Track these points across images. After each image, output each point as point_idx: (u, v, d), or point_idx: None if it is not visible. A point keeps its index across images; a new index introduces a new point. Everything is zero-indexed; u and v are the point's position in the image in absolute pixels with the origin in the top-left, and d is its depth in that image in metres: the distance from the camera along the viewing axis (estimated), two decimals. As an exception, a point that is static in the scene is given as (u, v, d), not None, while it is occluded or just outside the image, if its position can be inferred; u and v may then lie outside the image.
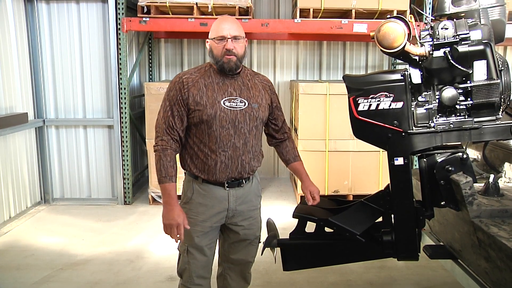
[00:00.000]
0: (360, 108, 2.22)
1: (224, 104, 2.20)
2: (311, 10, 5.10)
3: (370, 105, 2.21)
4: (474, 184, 2.17)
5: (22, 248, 4.11)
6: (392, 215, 2.35)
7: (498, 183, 2.47)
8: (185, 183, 2.36)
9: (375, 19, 5.24)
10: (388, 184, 2.35)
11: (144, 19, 5.01)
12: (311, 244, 2.49)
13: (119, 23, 5.07)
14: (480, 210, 2.15)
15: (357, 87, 2.24)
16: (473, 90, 2.13)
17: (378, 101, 2.20)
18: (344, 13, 5.30)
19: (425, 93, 2.21)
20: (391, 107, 2.19)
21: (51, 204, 5.40)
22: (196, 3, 4.97)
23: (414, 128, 2.21)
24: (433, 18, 2.26)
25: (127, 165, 5.32)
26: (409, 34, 2.12)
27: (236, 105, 2.22)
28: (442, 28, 2.11)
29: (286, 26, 5.27)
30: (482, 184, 2.48)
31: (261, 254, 2.55)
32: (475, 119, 2.17)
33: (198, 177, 2.27)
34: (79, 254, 3.99)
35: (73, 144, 5.42)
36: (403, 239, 2.33)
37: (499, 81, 2.10)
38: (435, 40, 2.13)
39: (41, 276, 3.56)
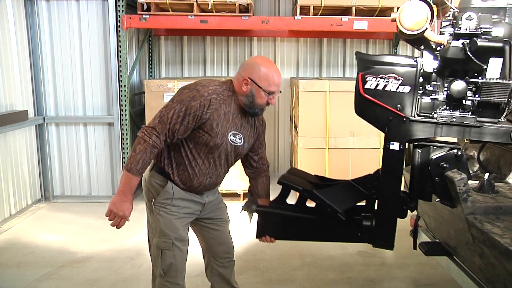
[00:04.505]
0: (367, 85, 2.22)
1: (229, 137, 2.25)
2: (311, 7, 5.09)
3: (377, 84, 2.20)
4: (469, 181, 2.17)
5: (22, 246, 4.11)
6: (376, 201, 2.35)
7: (493, 180, 2.47)
8: (154, 180, 2.33)
9: (376, 16, 5.23)
10: (378, 169, 2.34)
11: (144, 16, 5.01)
12: (289, 216, 2.46)
13: (119, 21, 5.06)
14: (474, 207, 2.15)
15: (368, 64, 2.23)
16: (483, 87, 2.12)
17: (386, 82, 2.19)
18: (345, 10, 5.29)
19: (434, 82, 2.21)
20: (398, 90, 2.19)
21: (51, 201, 5.41)
22: (196, 1, 4.96)
23: (416, 115, 2.20)
24: (457, 11, 2.22)
25: (127, 162, 5.31)
26: (432, 19, 2.10)
27: (235, 140, 2.28)
28: (466, 18, 2.09)
29: (286, 23, 5.27)
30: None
31: (240, 212, 2.56)
32: (478, 118, 2.17)
33: (174, 182, 2.28)
34: (79, 251, 3.99)
35: (73, 142, 5.42)
36: (382, 225, 2.32)
37: (511, 82, 2.09)
38: (456, 29, 2.11)
39: (41, 273, 3.57)
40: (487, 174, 2.47)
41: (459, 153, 2.21)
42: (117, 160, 5.34)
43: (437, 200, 2.28)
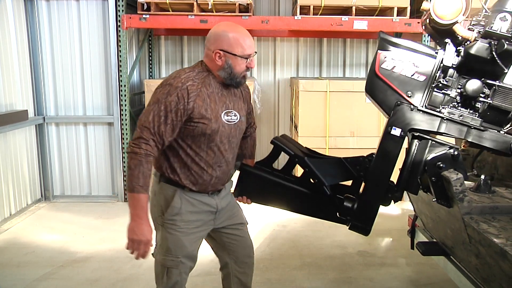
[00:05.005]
0: (384, 65, 2.22)
1: (223, 118, 2.12)
2: (311, 7, 5.08)
3: (394, 66, 2.21)
4: (466, 181, 2.18)
5: (22, 245, 4.11)
6: (362, 184, 2.34)
7: (489, 180, 2.48)
8: (163, 192, 2.18)
9: (376, 16, 5.23)
10: (372, 153, 2.33)
11: (144, 16, 5.01)
12: (272, 181, 2.38)
13: (119, 20, 5.06)
14: (470, 207, 2.15)
15: (390, 45, 2.24)
16: (498, 91, 2.13)
17: (403, 66, 2.20)
18: (345, 10, 5.29)
19: (450, 78, 2.20)
20: (413, 77, 2.20)
21: (52, 201, 5.41)
22: (196, 0, 4.96)
23: (424, 106, 2.21)
24: (489, 13, 2.22)
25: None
26: (466, 11, 2.10)
27: (231, 118, 2.15)
28: (500, 19, 2.08)
29: (286, 23, 5.26)
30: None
31: None
32: (483, 123, 2.18)
33: (185, 187, 2.15)
34: (79, 251, 3.99)
35: (73, 141, 5.43)
36: (364, 208, 2.30)
37: None
38: (487, 27, 2.10)
39: (41, 273, 3.57)
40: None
41: (456, 153, 2.21)
42: (117, 160, 5.34)
43: (433, 200, 2.28)
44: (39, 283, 3.42)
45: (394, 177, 2.33)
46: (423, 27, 2.36)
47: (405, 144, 2.29)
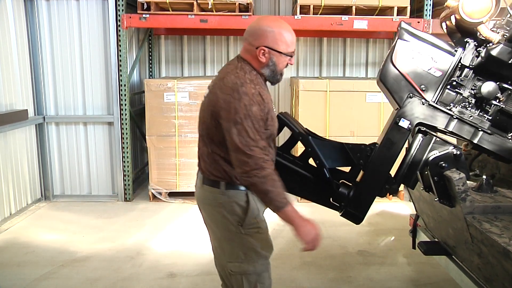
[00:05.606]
0: (402, 55, 2.20)
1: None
2: (311, 7, 5.09)
3: (412, 58, 2.19)
4: (468, 181, 2.18)
5: (22, 245, 4.11)
6: (360, 172, 2.32)
7: (491, 180, 2.48)
8: (234, 199, 2.06)
9: (376, 15, 5.23)
10: (374, 142, 2.32)
11: (144, 15, 5.01)
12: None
13: (119, 20, 5.06)
14: (473, 206, 2.15)
15: (410, 36, 2.22)
16: None
17: (421, 59, 2.19)
18: (345, 10, 5.29)
19: (465, 77, 2.20)
20: (429, 71, 2.19)
21: (52, 201, 5.41)
22: (196, 0, 4.96)
23: (435, 102, 2.20)
24: None
25: (127, 161, 5.33)
26: (494, 12, 2.09)
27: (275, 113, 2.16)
28: None
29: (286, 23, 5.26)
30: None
31: None
32: (490, 127, 2.19)
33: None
34: (79, 250, 3.99)
35: (73, 141, 5.42)
36: (360, 196, 2.27)
37: None
38: None
39: (41, 272, 3.57)
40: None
41: (458, 152, 2.21)
42: (117, 160, 5.34)
43: (435, 199, 2.28)
44: (39, 283, 3.42)
45: (392, 173, 2.32)
46: (443, 24, 2.34)
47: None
